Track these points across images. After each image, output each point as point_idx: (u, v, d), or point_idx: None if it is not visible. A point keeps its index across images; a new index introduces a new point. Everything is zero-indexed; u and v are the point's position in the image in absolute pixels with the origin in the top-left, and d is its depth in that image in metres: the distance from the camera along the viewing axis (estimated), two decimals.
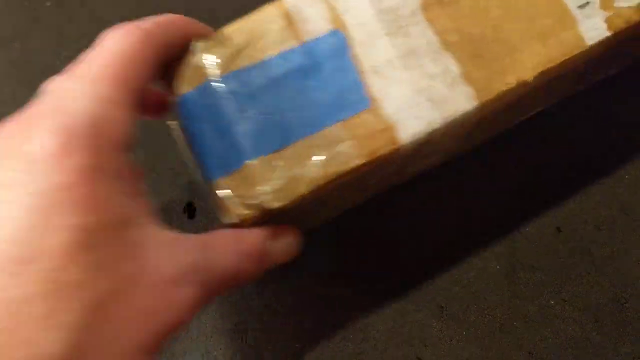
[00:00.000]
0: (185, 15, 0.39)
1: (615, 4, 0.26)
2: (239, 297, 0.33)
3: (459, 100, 0.25)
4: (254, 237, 0.23)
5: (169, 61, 0.24)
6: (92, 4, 0.38)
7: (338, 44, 0.25)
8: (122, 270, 0.18)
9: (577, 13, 0.26)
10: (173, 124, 0.27)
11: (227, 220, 0.23)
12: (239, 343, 0.32)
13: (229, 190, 0.23)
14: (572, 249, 0.33)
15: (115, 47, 0.21)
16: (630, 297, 0.32)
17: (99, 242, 0.18)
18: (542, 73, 0.25)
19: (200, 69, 0.24)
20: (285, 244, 0.25)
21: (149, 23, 0.23)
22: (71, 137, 0.18)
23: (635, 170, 0.34)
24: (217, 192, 0.24)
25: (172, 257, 0.20)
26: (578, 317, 0.31)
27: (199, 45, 0.24)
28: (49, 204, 0.17)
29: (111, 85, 0.20)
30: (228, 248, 0.22)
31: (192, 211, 0.35)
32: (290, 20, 0.25)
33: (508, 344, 0.31)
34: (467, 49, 0.25)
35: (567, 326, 0.31)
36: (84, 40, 0.38)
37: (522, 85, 0.25)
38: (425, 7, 0.25)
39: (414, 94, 0.24)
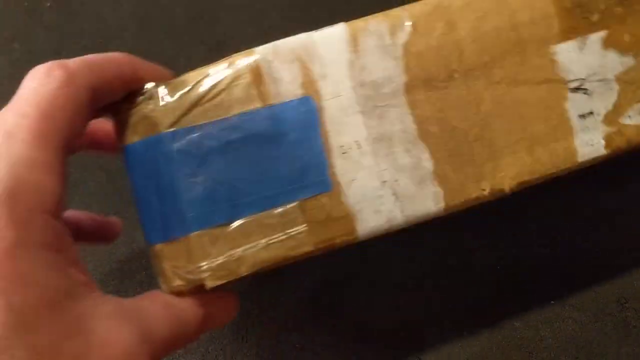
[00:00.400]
0: (187, 17, 0.37)
1: (622, 120, 0.23)
2: (240, 298, 0.33)
3: (426, 201, 0.23)
4: (192, 305, 0.22)
5: (111, 102, 0.22)
6: (92, 4, 0.37)
7: (308, 114, 0.22)
8: (67, 351, 0.17)
9: (576, 122, 0.23)
10: None
11: (162, 287, 0.22)
12: (239, 343, 0.33)
13: (166, 259, 0.22)
14: (572, 248, 0.33)
15: (32, 94, 0.19)
16: (630, 297, 0.32)
17: (34, 322, 0.17)
18: (521, 184, 0.23)
19: (151, 119, 0.22)
20: (222, 310, 0.24)
21: (76, 62, 0.20)
22: None
23: None
24: (154, 258, 0.22)
25: (120, 329, 0.19)
26: (578, 317, 0.31)
27: (152, 92, 0.22)
28: None
29: (30, 143, 0.18)
30: (165, 315, 0.21)
31: None
32: (258, 77, 0.22)
33: (508, 344, 0.31)
34: (446, 144, 0.23)
35: (567, 326, 0.31)
36: (84, 41, 0.37)
37: (497, 193, 0.23)
38: (409, 89, 0.23)
39: (380, 184, 0.22)
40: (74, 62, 0.20)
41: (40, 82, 0.19)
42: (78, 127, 0.20)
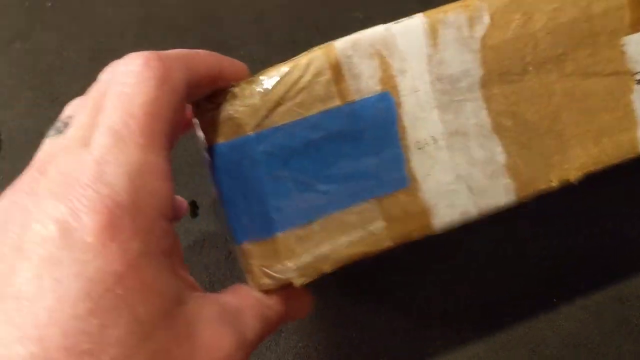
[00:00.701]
0: (188, 17, 0.36)
1: None
2: None
3: (498, 194, 0.23)
4: (276, 302, 0.22)
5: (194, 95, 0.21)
6: (92, 4, 0.37)
7: (386, 110, 0.22)
8: (177, 356, 0.18)
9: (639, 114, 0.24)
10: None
11: (250, 285, 0.23)
12: None
13: (254, 258, 0.22)
14: (575, 248, 0.33)
15: (135, 91, 0.18)
16: (631, 295, 0.32)
17: (153, 330, 0.17)
18: (586, 174, 0.24)
19: (235, 120, 0.21)
20: (299, 306, 0.24)
21: (171, 56, 0.20)
22: (113, 217, 0.17)
23: None
24: (241, 257, 0.22)
25: (222, 334, 0.19)
26: (580, 315, 0.32)
27: (236, 92, 0.21)
28: (100, 293, 0.16)
29: (143, 146, 0.18)
30: (255, 314, 0.21)
31: (195, 210, 0.34)
32: (338, 73, 0.22)
33: (510, 342, 0.32)
34: (518, 137, 0.23)
35: (569, 324, 0.32)
36: (84, 40, 0.36)
37: (564, 184, 0.24)
38: (485, 83, 0.23)
39: (454, 179, 0.23)
40: (168, 56, 0.19)
41: (139, 78, 0.18)
42: (176, 124, 0.19)
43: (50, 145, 0.19)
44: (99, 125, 0.18)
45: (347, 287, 0.33)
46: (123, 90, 0.18)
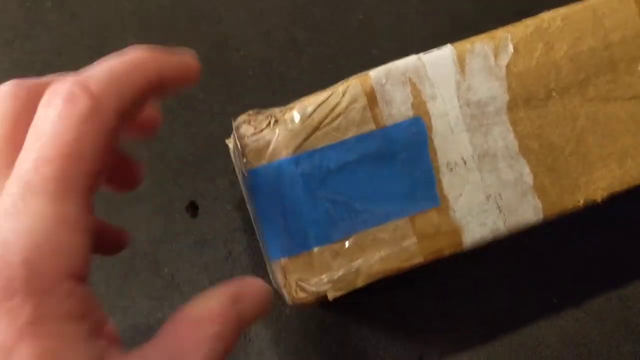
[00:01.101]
0: (187, 17, 0.35)
1: None
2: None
3: (527, 213, 0.24)
4: (220, 314, 0.18)
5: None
6: (92, 4, 0.37)
7: (417, 134, 0.24)
8: None
9: None
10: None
11: (287, 299, 0.24)
12: (241, 340, 0.33)
13: (291, 272, 0.23)
14: (574, 247, 0.33)
15: (54, 131, 0.16)
16: (632, 295, 0.32)
17: None
18: (612, 194, 0.25)
19: (276, 144, 0.23)
20: (252, 304, 0.19)
21: (101, 82, 0.17)
22: (4, 280, 0.15)
23: None
24: (277, 272, 0.23)
25: None
26: (580, 315, 0.32)
27: (278, 117, 0.23)
28: None
29: (53, 195, 0.15)
30: (196, 338, 0.18)
31: (195, 210, 0.34)
32: (373, 99, 0.23)
33: (510, 342, 0.31)
34: (544, 159, 0.24)
35: (569, 324, 0.32)
36: (84, 40, 0.37)
37: (590, 203, 0.25)
38: (511, 107, 0.24)
39: (484, 199, 0.24)
40: (97, 83, 0.16)
41: (61, 114, 0.16)
42: (106, 162, 0.17)
43: None
44: (13, 170, 0.16)
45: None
46: (40, 129, 0.16)
